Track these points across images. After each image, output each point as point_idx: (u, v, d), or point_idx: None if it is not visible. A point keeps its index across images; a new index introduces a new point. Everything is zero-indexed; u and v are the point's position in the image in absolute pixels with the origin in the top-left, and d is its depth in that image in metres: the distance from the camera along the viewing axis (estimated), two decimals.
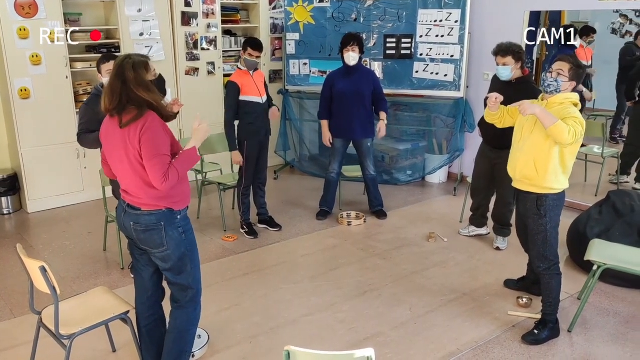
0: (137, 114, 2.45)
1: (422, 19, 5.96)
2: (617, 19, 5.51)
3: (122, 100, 2.46)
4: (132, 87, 2.45)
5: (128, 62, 2.49)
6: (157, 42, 5.87)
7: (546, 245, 3.24)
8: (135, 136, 2.44)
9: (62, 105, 5.41)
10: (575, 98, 3.09)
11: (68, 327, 2.64)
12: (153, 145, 2.43)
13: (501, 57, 3.96)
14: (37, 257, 4.44)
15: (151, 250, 2.63)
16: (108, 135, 2.58)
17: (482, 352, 3.18)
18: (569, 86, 3.08)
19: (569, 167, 3.15)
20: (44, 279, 2.51)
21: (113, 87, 2.47)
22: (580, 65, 3.08)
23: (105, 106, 2.50)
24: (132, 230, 2.61)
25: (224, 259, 4.44)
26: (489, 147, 4.37)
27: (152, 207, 2.55)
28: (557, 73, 3.06)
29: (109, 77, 3.57)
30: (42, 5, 5.12)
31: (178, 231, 2.62)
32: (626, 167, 5.65)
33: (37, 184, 5.46)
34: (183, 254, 2.64)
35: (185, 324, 2.77)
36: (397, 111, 6.48)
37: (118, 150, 2.53)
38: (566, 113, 3.00)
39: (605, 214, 4.17)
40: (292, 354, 1.91)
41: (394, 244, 4.72)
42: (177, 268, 2.65)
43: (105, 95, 2.50)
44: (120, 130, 2.47)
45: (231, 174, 5.32)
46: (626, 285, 3.88)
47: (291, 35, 6.56)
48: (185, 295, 2.73)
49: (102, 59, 3.75)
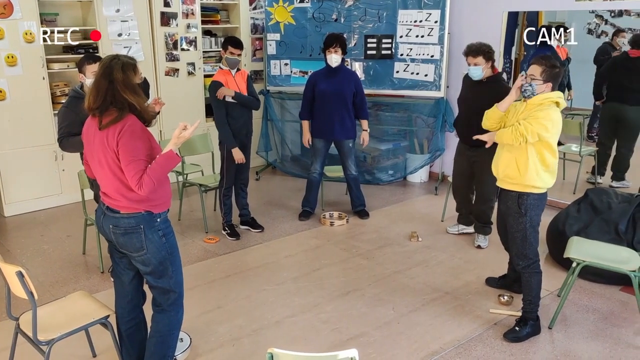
0: (117, 117, 2.42)
1: (402, 19, 5.99)
2: (593, 20, 5.60)
3: (107, 100, 2.43)
4: (118, 88, 2.42)
5: (117, 63, 2.46)
6: (136, 42, 5.80)
7: (525, 243, 3.27)
8: (114, 139, 2.41)
9: (39, 107, 5.32)
10: (556, 96, 3.12)
11: (46, 333, 2.59)
12: (130, 149, 2.40)
13: (472, 58, 4.05)
14: (14, 261, 4.36)
15: (131, 254, 2.59)
16: (89, 136, 2.55)
17: (464, 351, 3.20)
18: (545, 87, 3.13)
19: (551, 164, 3.18)
20: (21, 284, 2.46)
21: (99, 86, 2.44)
22: (554, 65, 3.12)
23: (89, 105, 2.47)
24: (110, 233, 2.58)
25: (205, 261, 4.40)
26: (466, 145, 4.41)
27: (131, 210, 2.52)
28: (531, 78, 3.14)
29: (94, 76, 3.53)
30: (17, 5, 5.03)
31: (158, 234, 2.58)
32: (601, 167, 5.74)
33: (14, 187, 5.36)
34: (163, 258, 2.61)
35: (168, 328, 2.74)
36: (378, 111, 6.50)
37: (97, 152, 2.50)
38: (534, 113, 3.09)
39: (583, 211, 4.23)
40: (275, 356, 1.90)
41: (376, 243, 4.74)
42: (158, 272, 2.62)
43: (89, 94, 2.47)
44: (99, 131, 2.44)
45: (212, 175, 5.28)
46: (604, 282, 3.94)
47: (272, 35, 6.54)
48: (167, 298, 2.70)
49: (87, 59, 3.65)
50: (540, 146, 3.13)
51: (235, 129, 4.59)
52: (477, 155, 4.28)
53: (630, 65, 5.33)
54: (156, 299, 2.72)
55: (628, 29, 5.39)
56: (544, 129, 3.06)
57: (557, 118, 3.10)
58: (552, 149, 3.15)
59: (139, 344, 2.83)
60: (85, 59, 3.66)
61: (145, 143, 2.46)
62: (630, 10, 5.17)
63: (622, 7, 5.11)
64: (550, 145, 3.13)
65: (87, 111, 2.51)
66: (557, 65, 3.14)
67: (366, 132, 5.10)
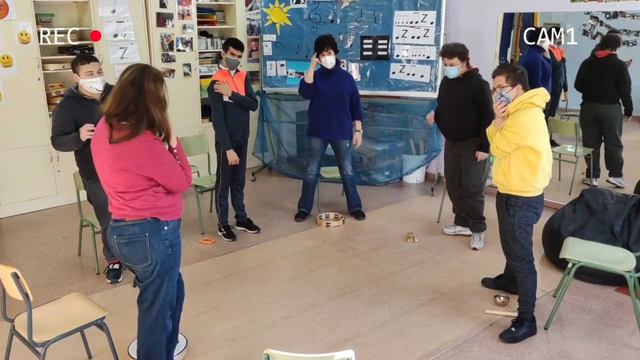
0: (130, 133, 2.33)
1: (398, 20, 6.00)
2: (588, 21, 5.62)
3: (129, 108, 2.34)
4: (147, 99, 2.36)
5: (149, 73, 2.40)
6: (132, 43, 5.79)
7: (515, 244, 3.29)
8: (129, 159, 2.34)
9: (34, 108, 5.30)
10: (529, 97, 3.12)
11: (42, 335, 2.58)
12: (160, 163, 2.37)
13: (448, 59, 4.26)
14: (9, 262, 4.35)
15: (134, 267, 2.52)
16: (99, 141, 2.46)
17: (460, 351, 3.21)
18: (516, 91, 3.18)
19: (537, 167, 3.12)
20: (17, 285, 2.45)
21: (125, 93, 2.35)
22: (515, 68, 3.22)
23: (109, 110, 2.37)
24: (115, 246, 2.50)
25: (201, 262, 4.40)
26: (450, 141, 4.59)
27: (137, 217, 2.45)
28: (499, 87, 3.21)
29: (94, 79, 3.51)
30: (12, 5, 5.01)
31: (164, 244, 2.51)
32: (594, 170, 5.77)
33: (9, 188, 5.33)
34: (165, 271, 2.54)
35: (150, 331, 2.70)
36: (375, 112, 6.51)
37: (106, 159, 2.42)
38: (506, 122, 3.17)
39: (579, 212, 4.24)
40: (271, 356, 1.89)
41: (372, 244, 4.74)
42: (154, 284, 2.56)
43: (112, 98, 2.37)
44: (110, 148, 2.36)
45: (208, 176, 5.27)
46: (600, 282, 3.95)
47: (268, 36, 6.53)
48: (150, 305, 2.63)
49: (80, 59, 3.60)
50: (521, 152, 3.13)
51: (232, 129, 4.59)
52: (462, 149, 4.45)
53: (599, 66, 5.44)
54: (140, 315, 2.67)
55: (623, 30, 5.41)
56: (515, 135, 3.09)
57: (531, 119, 3.08)
58: (534, 151, 3.10)
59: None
60: (78, 59, 3.62)
61: (161, 145, 2.43)
62: (625, 11, 5.19)
63: (617, 9, 5.14)
64: (531, 148, 3.09)
65: (103, 115, 2.41)
66: (518, 67, 3.25)
67: (359, 132, 5.11)
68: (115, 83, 2.47)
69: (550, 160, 3.23)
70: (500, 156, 3.25)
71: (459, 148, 4.48)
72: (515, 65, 3.33)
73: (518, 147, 3.12)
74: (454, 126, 4.43)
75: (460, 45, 4.27)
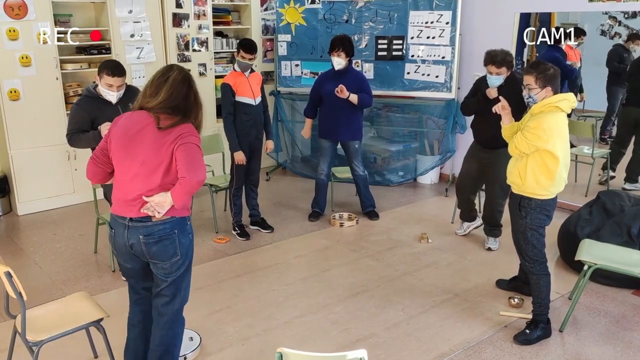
0: (178, 120, 2.45)
1: (413, 20, 5.98)
2: (606, 21, 5.57)
3: (180, 104, 2.47)
4: (195, 98, 2.52)
5: (191, 76, 2.55)
6: (148, 43, 5.84)
7: (528, 245, 3.26)
8: (176, 136, 2.42)
9: (52, 107, 5.38)
10: (556, 101, 3.06)
11: (37, 334, 2.56)
12: (198, 149, 2.45)
13: (496, 68, 3.98)
14: (27, 259, 4.42)
15: (162, 263, 2.53)
16: (131, 136, 2.46)
17: (474, 353, 3.19)
18: (545, 93, 3.10)
19: (554, 172, 3.10)
20: (10, 285, 2.44)
21: (179, 88, 2.48)
22: (546, 69, 3.08)
23: (162, 102, 2.45)
24: (140, 245, 2.48)
25: (215, 261, 4.42)
26: (480, 147, 4.39)
27: (166, 215, 2.47)
28: (528, 88, 3.14)
29: (111, 92, 3.59)
30: (31, 6, 5.08)
31: (189, 238, 2.60)
32: (613, 164, 5.68)
33: (27, 186, 5.41)
34: (189, 263, 2.63)
35: (172, 340, 2.72)
36: (389, 112, 6.50)
37: (144, 151, 2.43)
38: (528, 123, 3.10)
39: (595, 214, 4.19)
40: (284, 355, 1.90)
41: (386, 244, 4.73)
42: (177, 279, 2.61)
43: (166, 91, 2.45)
44: (158, 131, 2.42)
45: (223, 176, 5.31)
46: (616, 285, 3.90)
47: (283, 36, 6.55)
48: (172, 306, 2.65)
49: (108, 68, 3.60)
50: (540, 155, 3.09)
51: (245, 130, 4.61)
52: (490, 157, 4.27)
53: None
54: (159, 309, 2.66)
55: None
56: (537, 138, 3.03)
57: (554, 124, 3.04)
58: (554, 156, 3.06)
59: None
60: (106, 67, 3.61)
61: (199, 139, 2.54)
62: None
63: (636, 9, 5.07)
64: (551, 153, 3.05)
65: (147, 107, 2.47)
66: (549, 67, 3.10)
67: (348, 93, 4.80)
68: (155, 79, 2.52)
69: (568, 167, 3.19)
70: (518, 156, 3.21)
71: (486, 156, 4.28)
72: (547, 64, 3.09)
73: (537, 150, 3.08)
74: (490, 134, 4.08)
75: (509, 54, 4.01)
